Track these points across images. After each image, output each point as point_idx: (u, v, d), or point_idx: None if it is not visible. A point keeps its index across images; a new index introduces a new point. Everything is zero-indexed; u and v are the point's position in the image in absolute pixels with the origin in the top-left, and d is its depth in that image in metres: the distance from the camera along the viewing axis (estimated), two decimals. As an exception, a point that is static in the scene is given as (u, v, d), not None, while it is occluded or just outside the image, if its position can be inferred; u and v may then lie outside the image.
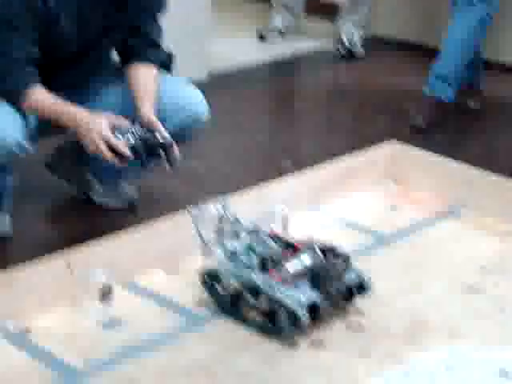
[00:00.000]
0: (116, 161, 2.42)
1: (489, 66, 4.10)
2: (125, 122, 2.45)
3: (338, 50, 4.69)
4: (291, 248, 2.31)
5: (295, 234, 2.42)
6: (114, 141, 2.41)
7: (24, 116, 2.45)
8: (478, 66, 3.90)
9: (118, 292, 2.35)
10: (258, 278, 2.22)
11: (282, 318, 2.17)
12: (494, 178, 2.90)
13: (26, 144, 2.43)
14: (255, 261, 2.26)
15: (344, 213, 2.89)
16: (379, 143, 3.15)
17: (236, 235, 2.35)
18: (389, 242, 2.72)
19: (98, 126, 2.40)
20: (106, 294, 2.29)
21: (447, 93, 3.73)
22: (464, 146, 3.53)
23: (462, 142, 3.60)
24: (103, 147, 2.40)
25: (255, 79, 4.36)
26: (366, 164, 3.06)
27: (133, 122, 2.48)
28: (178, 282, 2.45)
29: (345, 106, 4.06)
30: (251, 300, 2.23)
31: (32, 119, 2.50)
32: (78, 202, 2.93)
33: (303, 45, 4.81)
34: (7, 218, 2.70)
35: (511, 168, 3.10)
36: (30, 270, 2.26)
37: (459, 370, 2.09)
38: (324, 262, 2.26)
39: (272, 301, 2.18)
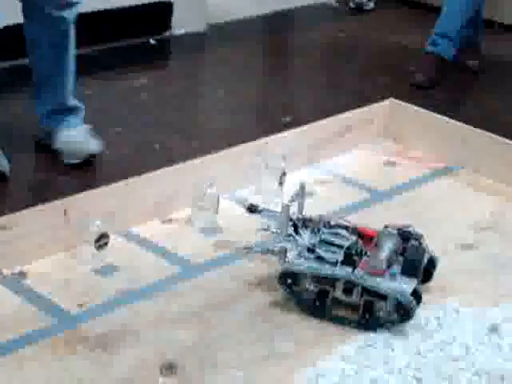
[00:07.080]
0: None
1: (488, 25, 4.09)
2: None
3: (347, 3, 4.74)
4: (361, 236, 2.20)
5: (292, 190, 2.40)
6: None
7: None
8: (479, 25, 3.88)
9: (114, 240, 2.36)
10: (348, 271, 2.09)
11: (388, 308, 2.06)
12: (491, 137, 2.89)
13: None
14: (339, 254, 2.12)
15: (342, 169, 2.89)
16: (379, 100, 3.14)
17: (301, 229, 2.21)
18: (385, 199, 2.73)
19: None
20: (102, 240, 2.30)
21: (448, 51, 3.72)
22: (463, 105, 3.52)
23: (461, 101, 3.59)
24: None
25: (255, 31, 4.33)
26: (364, 121, 3.05)
27: None
28: (173, 231, 2.46)
29: (345, 62, 4.03)
30: (341, 296, 2.10)
31: None
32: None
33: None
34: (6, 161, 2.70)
35: (509, 127, 3.09)
36: (27, 216, 2.27)
37: (450, 327, 2.11)
38: (413, 246, 2.16)
39: (369, 293, 2.06)
